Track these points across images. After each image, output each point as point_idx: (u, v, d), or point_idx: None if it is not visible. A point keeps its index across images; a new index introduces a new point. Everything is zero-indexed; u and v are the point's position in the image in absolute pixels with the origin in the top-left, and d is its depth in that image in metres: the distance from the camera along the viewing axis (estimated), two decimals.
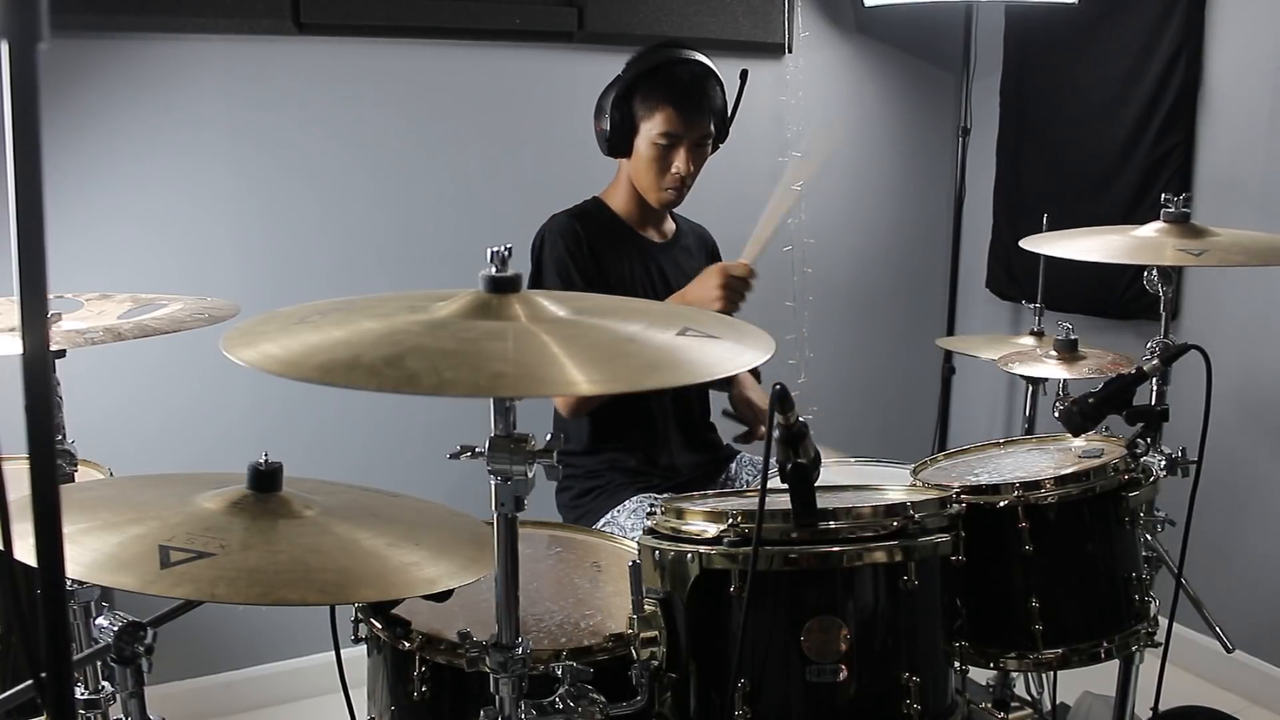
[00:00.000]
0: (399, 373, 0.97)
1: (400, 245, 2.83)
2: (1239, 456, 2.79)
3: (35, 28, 0.63)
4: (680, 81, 2.16)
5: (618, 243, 2.27)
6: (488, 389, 0.98)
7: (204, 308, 1.67)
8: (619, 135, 2.19)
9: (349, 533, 1.18)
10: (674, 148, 2.17)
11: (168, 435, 2.63)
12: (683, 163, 2.18)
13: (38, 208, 0.65)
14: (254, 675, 2.82)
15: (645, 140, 2.18)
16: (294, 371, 0.98)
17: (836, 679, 1.34)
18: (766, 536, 1.33)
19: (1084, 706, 2.29)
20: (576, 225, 2.22)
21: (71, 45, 2.42)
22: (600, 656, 1.36)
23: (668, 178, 2.19)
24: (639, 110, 2.17)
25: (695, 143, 2.18)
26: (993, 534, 1.57)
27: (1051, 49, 3.18)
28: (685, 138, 2.17)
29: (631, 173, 2.24)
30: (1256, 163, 2.72)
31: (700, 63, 2.19)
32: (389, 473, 1.86)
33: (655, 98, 2.15)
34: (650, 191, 2.23)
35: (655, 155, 2.18)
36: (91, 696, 1.44)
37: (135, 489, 1.29)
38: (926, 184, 3.56)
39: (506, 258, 1.14)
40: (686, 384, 1.07)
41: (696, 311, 1.47)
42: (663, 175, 2.19)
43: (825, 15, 3.29)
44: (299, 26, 2.62)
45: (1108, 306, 2.97)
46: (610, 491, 2.23)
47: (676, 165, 2.18)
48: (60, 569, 0.72)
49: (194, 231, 2.63)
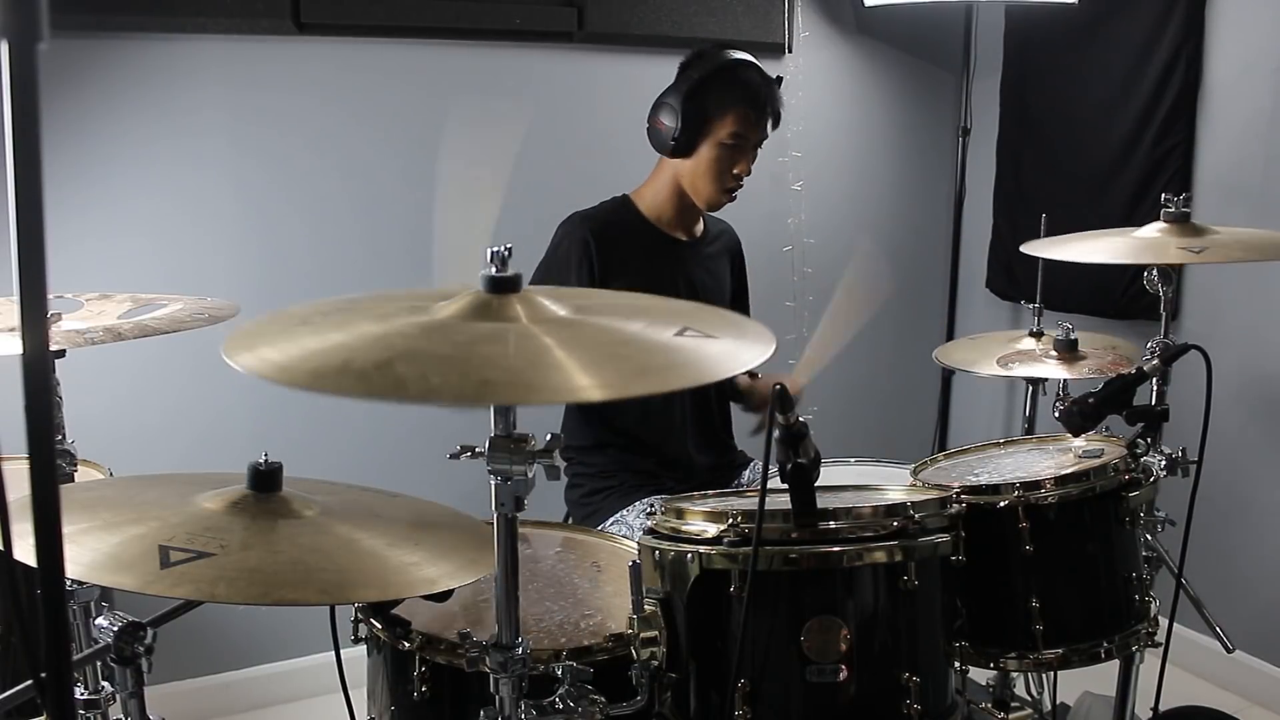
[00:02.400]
0: (387, 379, 0.97)
1: (400, 245, 2.83)
2: (1239, 456, 2.79)
3: (35, 28, 0.63)
4: (754, 84, 2.17)
5: (640, 244, 2.26)
6: (474, 397, 0.97)
7: (204, 308, 1.67)
8: (688, 135, 2.15)
9: (349, 533, 1.18)
10: (740, 150, 2.17)
11: (168, 435, 2.63)
12: (745, 166, 2.18)
13: (38, 208, 0.65)
14: (254, 675, 2.82)
15: (713, 141, 2.16)
16: (287, 377, 0.98)
17: (836, 679, 1.34)
18: (766, 536, 1.33)
19: (1084, 706, 2.29)
20: (589, 234, 2.19)
21: (71, 45, 2.42)
22: (600, 656, 1.36)
23: (730, 180, 2.19)
24: (712, 110, 2.15)
25: (756, 145, 2.20)
26: (993, 534, 1.57)
27: (1051, 49, 3.18)
28: (751, 140, 2.18)
29: (687, 173, 2.21)
30: (1256, 163, 2.72)
31: (762, 68, 2.21)
32: (389, 473, 1.86)
33: (730, 99, 2.14)
34: (707, 193, 2.21)
35: (720, 156, 2.17)
36: (91, 696, 1.44)
37: (135, 489, 1.29)
38: (926, 184, 3.55)
39: (506, 258, 1.14)
40: (682, 386, 1.06)
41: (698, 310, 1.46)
42: (724, 177, 2.19)
43: (825, 15, 3.29)
44: (299, 26, 2.62)
45: (1108, 306, 2.96)
46: (622, 492, 2.23)
47: (739, 168, 2.18)
48: (60, 569, 0.72)
49: (194, 231, 2.63)
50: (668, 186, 2.26)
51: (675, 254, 2.30)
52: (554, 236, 2.23)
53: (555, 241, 2.22)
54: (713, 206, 2.26)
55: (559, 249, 2.21)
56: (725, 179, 2.19)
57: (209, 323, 1.62)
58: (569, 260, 2.17)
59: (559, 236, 2.22)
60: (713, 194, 2.21)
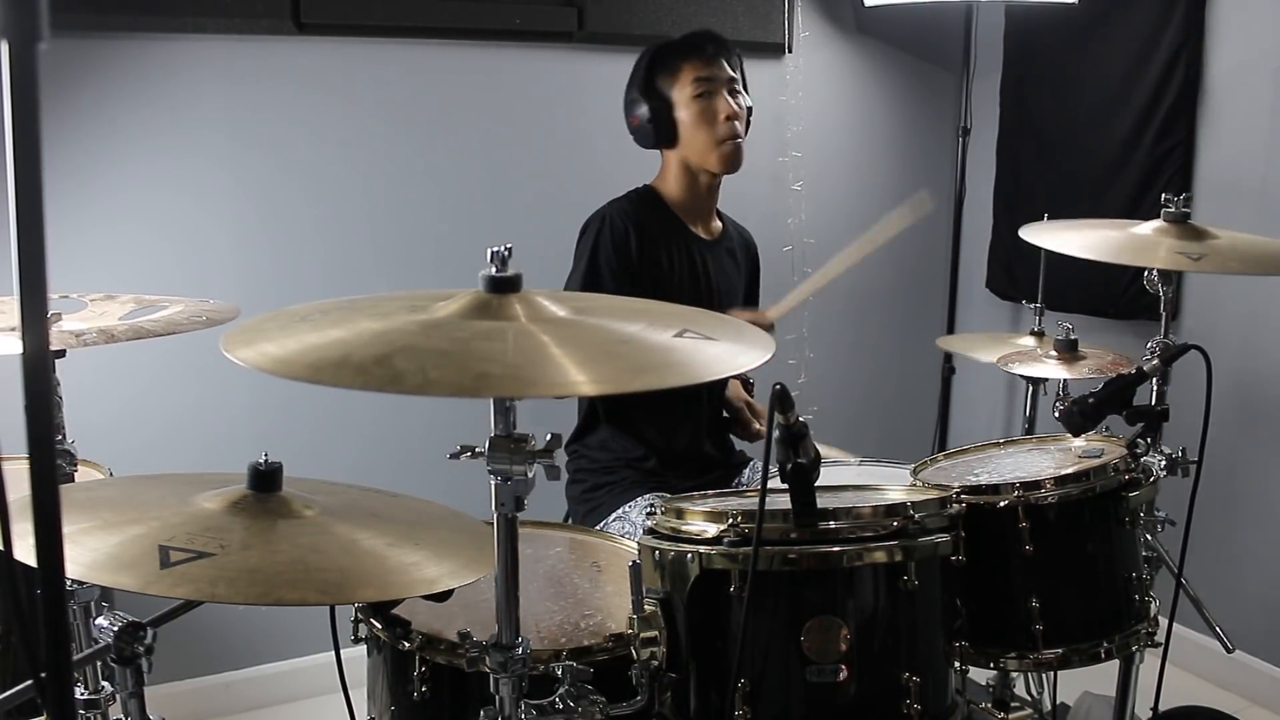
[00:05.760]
0: (385, 371, 0.97)
1: (400, 245, 2.83)
2: (1239, 456, 2.79)
3: (35, 28, 0.63)
4: (689, 37, 2.22)
5: (670, 233, 2.26)
6: (472, 389, 0.97)
7: (202, 310, 1.67)
8: (659, 117, 2.18)
9: (349, 533, 1.18)
10: (713, 95, 2.18)
11: (168, 435, 2.63)
12: (726, 102, 2.18)
13: (38, 208, 0.65)
14: (254, 675, 2.82)
15: (683, 105, 2.18)
16: (286, 370, 0.98)
17: (836, 679, 1.34)
18: (766, 536, 1.33)
19: (1084, 706, 2.29)
20: (637, 209, 2.21)
21: (71, 45, 2.42)
22: (600, 656, 1.36)
23: (720, 125, 2.18)
24: (664, 84, 2.19)
25: (728, 87, 2.19)
26: (993, 534, 1.57)
27: (1051, 49, 3.18)
28: (717, 80, 2.18)
29: (685, 150, 2.22)
30: (1256, 163, 2.72)
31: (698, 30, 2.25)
32: (389, 473, 1.86)
33: (673, 59, 2.19)
34: (709, 153, 2.20)
35: (699, 110, 2.17)
36: (91, 696, 1.44)
37: (135, 489, 1.29)
38: (926, 184, 3.55)
39: (506, 258, 1.14)
40: (679, 385, 1.06)
41: (699, 313, 1.46)
42: (714, 126, 2.18)
43: (825, 15, 3.29)
44: (299, 26, 2.62)
45: (1108, 306, 2.96)
46: (624, 487, 2.23)
47: (720, 106, 2.18)
48: (60, 569, 0.72)
49: (194, 231, 2.63)
50: (677, 177, 2.26)
51: (697, 248, 2.30)
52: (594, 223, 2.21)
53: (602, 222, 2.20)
54: (727, 163, 2.21)
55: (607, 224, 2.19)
56: (715, 127, 2.18)
57: (206, 325, 1.61)
58: (589, 251, 2.17)
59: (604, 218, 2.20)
60: (712, 148, 2.19)
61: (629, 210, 2.21)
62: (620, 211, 2.21)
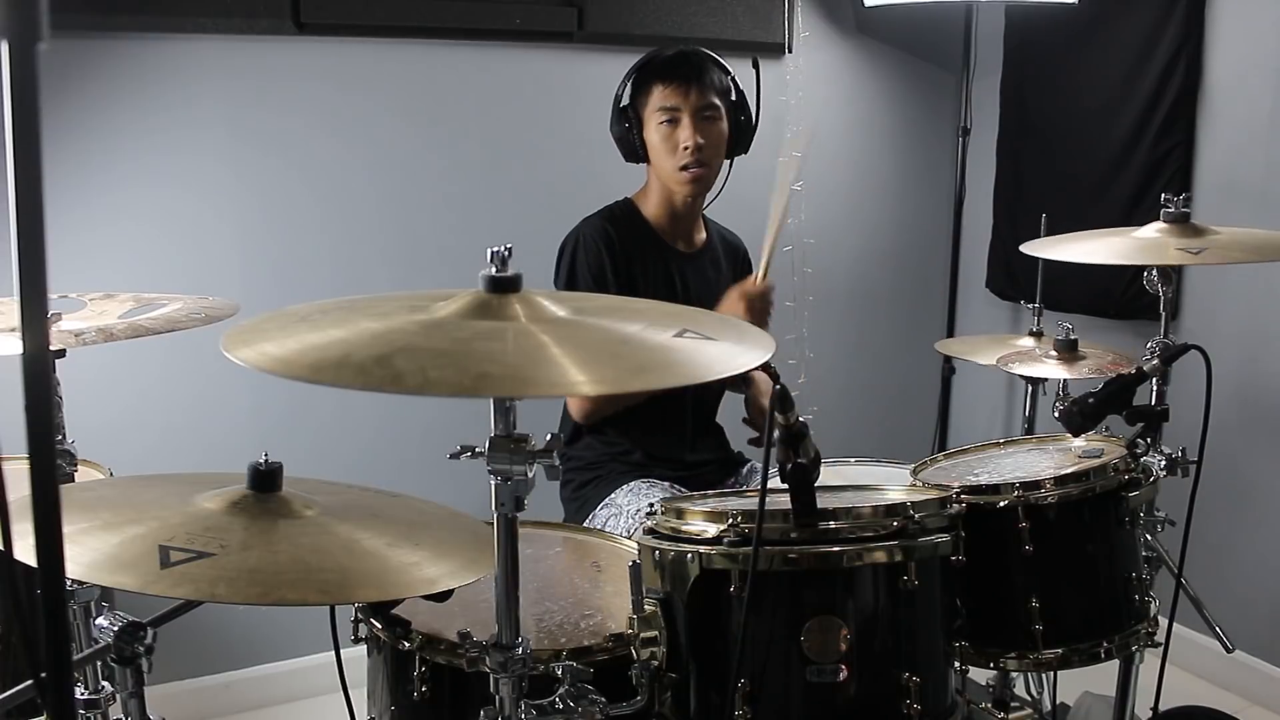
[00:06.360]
0: (385, 371, 0.97)
1: (400, 245, 2.83)
2: (1239, 456, 2.79)
3: (35, 28, 0.63)
4: (664, 58, 2.20)
5: (645, 249, 2.26)
6: (472, 389, 0.98)
7: (201, 307, 1.67)
8: (630, 135, 2.20)
9: (349, 533, 1.18)
10: (676, 123, 2.17)
11: (168, 435, 2.63)
12: (688, 133, 2.16)
13: (38, 208, 0.65)
14: (254, 675, 2.82)
15: (652, 128, 2.19)
16: (286, 369, 0.98)
17: (836, 679, 1.34)
18: (766, 536, 1.33)
19: (1084, 706, 2.29)
20: (610, 228, 2.21)
21: (71, 45, 2.42)
22: (600, 656, 1.36)
23: (679, 154, 2.17)
24: (639, 103, 2.20)
25: (699, 115, 2.16)
26: (993, 534, 1.57)
27: (1051, 49, 3.18)
28: (683, 109, 2.16)
29: (654, 171, 2.24)
30: (1256, 163, 2.72)
31: (686, 46, 2.22)
32: (389, 473, 1.86)
33: (647, 82, 2.19)
34: (670, 178, 2.21)
35: (663, 136, 2.18)
36: (91, 696, 1.44)
37: (135, 489, 1.29)
38: (926, 184, 3.55)
39: (506, 258, 1.14)
40: (679, 385, 1.06)
41: (698, 313, 1.46)
42: (672, 154, 2.17)
43: (825, 15, 3.29)
44: (299, 26, 2.62)
45: (1107, 306, 2.96)
46: (610, 479, 2.23)
47: (681, 136, 2.16)
48: (60, 569, 0.72)
49: (195, 231, 2.63)
50: (654, 191, 2.28)
51: (676, 262, 2.30)
52: (569, 244, 2.22)
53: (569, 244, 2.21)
54: (685, 189, 2.22)
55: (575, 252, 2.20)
56: (674, 155, 2.18)
57: (205, 323, 1.61)
58: (588, 262, 2.17)
59: (573, 239, 2.21)
60: (673, 176, 2.20)
61: (602, 228, 2.21)
62: (594, 230, 2.21)
